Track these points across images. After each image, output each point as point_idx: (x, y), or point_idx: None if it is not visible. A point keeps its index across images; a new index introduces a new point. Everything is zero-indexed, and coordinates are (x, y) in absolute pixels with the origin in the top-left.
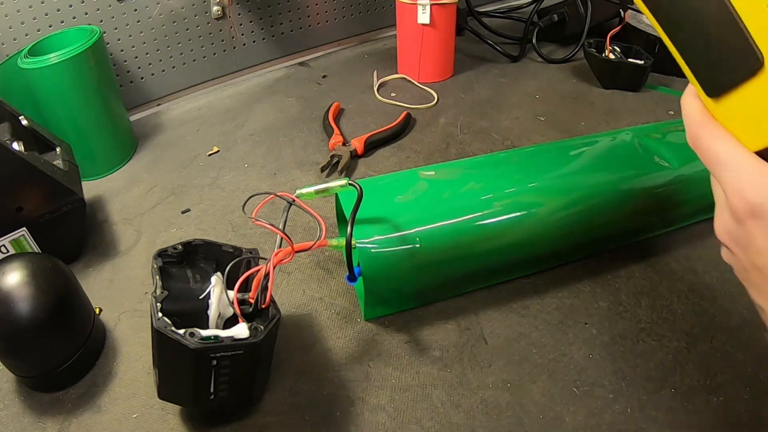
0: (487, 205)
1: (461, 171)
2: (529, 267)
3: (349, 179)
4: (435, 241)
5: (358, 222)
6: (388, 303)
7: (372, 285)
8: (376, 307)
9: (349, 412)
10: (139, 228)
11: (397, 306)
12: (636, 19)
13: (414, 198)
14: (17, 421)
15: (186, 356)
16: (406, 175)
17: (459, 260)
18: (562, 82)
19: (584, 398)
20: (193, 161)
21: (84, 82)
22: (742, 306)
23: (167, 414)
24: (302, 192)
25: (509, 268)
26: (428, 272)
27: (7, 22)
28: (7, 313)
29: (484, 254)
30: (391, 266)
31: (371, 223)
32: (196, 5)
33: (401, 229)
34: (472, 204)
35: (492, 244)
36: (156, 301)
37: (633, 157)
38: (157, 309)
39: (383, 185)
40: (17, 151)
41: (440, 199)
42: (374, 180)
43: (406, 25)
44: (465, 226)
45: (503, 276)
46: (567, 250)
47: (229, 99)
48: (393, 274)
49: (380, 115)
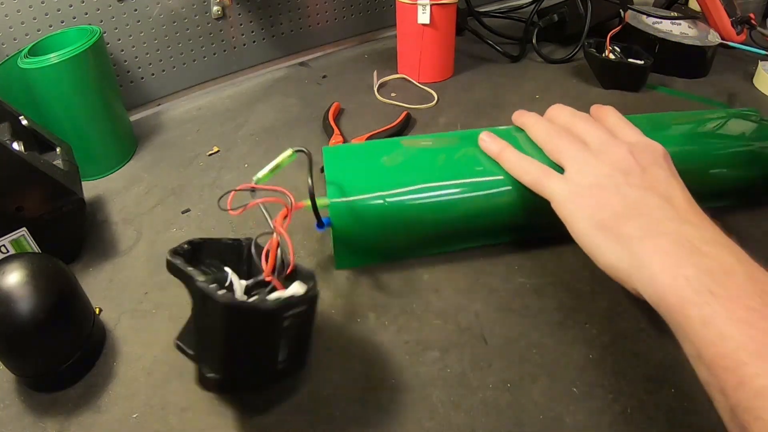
0: (462, 174)
1: (444, 140)
2: (493, 236)
3: (293, 149)
4: (402, 203)
5: (336, 181)
6: (357, 255)
7: (340, 235)
8: (345, 258)
9: (349, 412)
10: (139, 228)
11: (368, 259)
12: (636, 19)
13: (391, 161)
14: (17, 421)
15: (259, 322)
16: (388, 142)
17: (423, 223)
18: (562, 82)
19: (584, 398)
20: (193, 161)
21: (84, 82)
22: None
23: (167, 414)
24: (259, 176)
25: (475, 235)
26: (396, 229)
27: (7, 22)
28: (7, 313)
29: (450, 220)
30: (359, 220)
31: (347, 182)
32: (196, 5)
33: (373, 188)
34: (446, 171)
35: (458, 210)
36: (208, 284)
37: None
38: (214, 289)
39: (358, 149)
40: (17, 151)
41: (416, 163)
42: (350, 145)
43: (406, 25)
44: (433, 191)
45: (470, 242)
46: (525, 222)
47: (229, 99)
48: (361, 229)
49: (380, 115)
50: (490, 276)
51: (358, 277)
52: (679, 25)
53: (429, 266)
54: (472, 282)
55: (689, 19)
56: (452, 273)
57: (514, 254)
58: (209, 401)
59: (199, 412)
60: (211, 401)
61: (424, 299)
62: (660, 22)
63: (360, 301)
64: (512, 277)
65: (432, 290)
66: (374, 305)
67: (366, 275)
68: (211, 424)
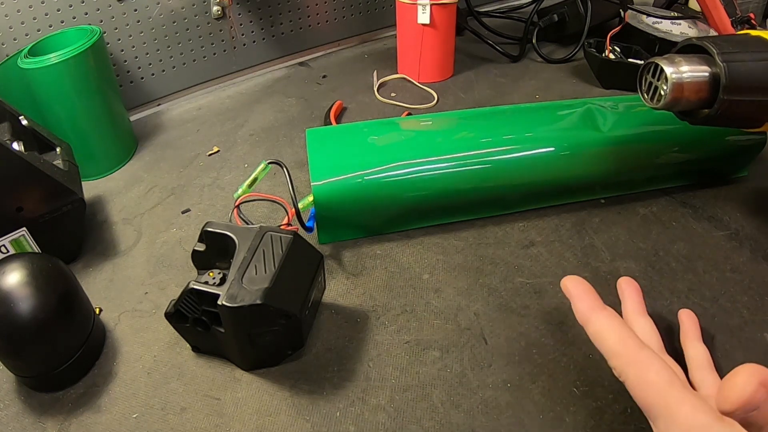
0: (434, 152)
1: (428, 122)
2: (472, 210)
3: (266, 161)
4: (378, 180)
5: (319, 166)
6: (339, 230)
7: (322, 212)
8: (328, 233)
9: (349, 412)
10: (139, 228)
11: (350, 234)
12: (636, 19)
13: (370, 141)
14: (17, 421)
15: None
16: (363, 124)
17: (399, 198)
18: (562, 82)
19: (584, 398)
20: (193, 161)
21: (84, 82)
22: (742, 306)
23: (167, 414)
24: (238, 193)
25: (454, 209)
26: (374, 205)
27: (7, 22)
28: (7, 313)
29: (423, 197)
30: (339, 199)
31: (330, 163)
32: (196, 5)
33: (352, 167)
34: (421, 148)
35: (435, 186)
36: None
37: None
38: (259, 293)
39: (339, 131)
40: (17, 151)
41: (394, 143)
42: (333, 127)
43: (406, 25)
44: (408, 168)
45: (451, 216)
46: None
47: (229, 99)
48: (342, 206)
49: (380, 115)
50: (490, 276)
51: (359, 276)
52: (679, 25)
53: (429, 266)
54: (472, 282)
55: (689, 19)
56: (452, 273)
57: (514, 254)
58: (209, 401)
59: (198, 412)
60: (210, 401)
61: (424, 299)
62: (660, 22)
63: (360, 300)
64: (512, 277)
65: (432, 290)
66: (374, 305)
67: (366, 275)
68: (211, 423)
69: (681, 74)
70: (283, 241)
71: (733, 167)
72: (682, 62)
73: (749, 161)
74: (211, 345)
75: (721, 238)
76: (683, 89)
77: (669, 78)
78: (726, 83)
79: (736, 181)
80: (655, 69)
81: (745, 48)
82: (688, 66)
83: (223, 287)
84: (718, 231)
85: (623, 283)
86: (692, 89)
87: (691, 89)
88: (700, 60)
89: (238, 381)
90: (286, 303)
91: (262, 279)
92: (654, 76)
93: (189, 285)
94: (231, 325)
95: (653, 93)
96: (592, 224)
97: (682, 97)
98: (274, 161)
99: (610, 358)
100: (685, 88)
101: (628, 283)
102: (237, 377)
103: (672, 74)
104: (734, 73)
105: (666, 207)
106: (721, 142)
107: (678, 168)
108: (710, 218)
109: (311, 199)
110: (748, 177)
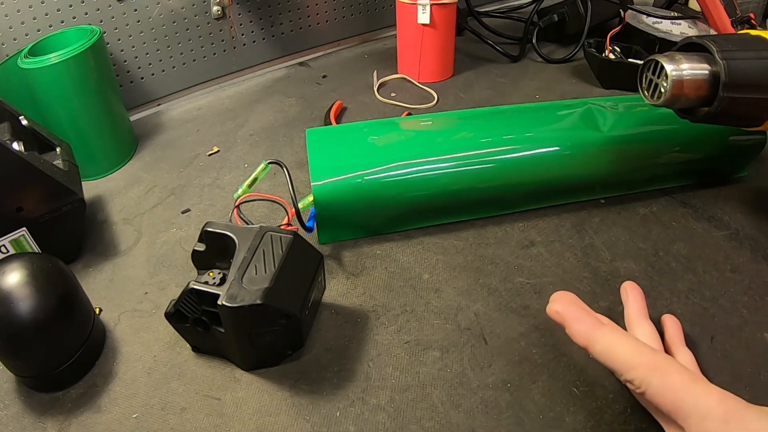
0: (433, 152)
1: (426, 122)
2: (467, 211)
3: (266, 161)
4: (377, 181)
5: (319, 166)
6: (339, 230)
7: (322, 212)
8: (328, 233)
9: (349, 412)
10: (139, 228)
11: (350, 234)
12: (636, 19)
13: (370, 141)
14: (17, 421)
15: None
16: (362, 125)
17: (399, 198)
18: (562, 82)
19: (584, 398)
20: (193, 161)
21: (84, 82)
22: (742, 306)
23: (167, 414)
24: (238, 193)
25: (451, 210)
26: (374, 205)
27: (7, 22)
28: (7, 313)
29: (423, 197)
30: (339, 199)
31: (329, 163)
32: (196, 5)
33: (352, 167)
34: (419, 149)
35: (431, 187)
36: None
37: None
38: (259, 293)
39: (338, 131)
40: (17, 151)
41: (394, 143)
42: (333, 127)
43: (406, 25)
44: (405, 168)
45: (451, 216)
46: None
47: (229, 99)
48: (342, 206)
49: (380, 115)
50: (490, 276)
51: (359, 276)
52: (679, 25)
53: (429, 266)
54: (472, 282)
55: (689, 19)
56: (452, 273)
57: (514, 254)
58: (209, 401)
59: (198, 412)
60: (210, 401)
61: (424, 299)
62: (660, 22)
63: (360, 301)
64: (512, 277)
65: (432, 290)
66: (374, 305)
67: (366, 275)
68: (211, 423)
69: (681, 71)
70: (283, 241)
71: (733, 167)
72: (683, 60)
73: (749, 161)
74: (211, 345)
75: (721, 238)
76: (683, 86)
77: (669, 75)
78: (726, 80)
79: (736, 181)
80: (655, 66)
81: (745, 47)
82: (688, 63)
83: (223, 287)
84: (718, 231)
85: (628, 287)
86: (692, 86)
87: (690, 86)
88: (701, 58)
89: (238, 381)
90: (286, 303)
91: (262, 279)
92: (654, 73)
93: (189, 285)
94: (231, 325)
95: (653, 90)
96: (592, 224)
97: (682, 94)
98: (274, 161)
99: (626, 372)
100: (684, 85)
101: (633, 288)
102: (237, 377)
103: (672, 71)
104: (734, 70)
105: (666, 207)
106: (722, 142)
107: (678, 168)
108: (710, 218)
109: (311, 199)
110: (748, 177)
